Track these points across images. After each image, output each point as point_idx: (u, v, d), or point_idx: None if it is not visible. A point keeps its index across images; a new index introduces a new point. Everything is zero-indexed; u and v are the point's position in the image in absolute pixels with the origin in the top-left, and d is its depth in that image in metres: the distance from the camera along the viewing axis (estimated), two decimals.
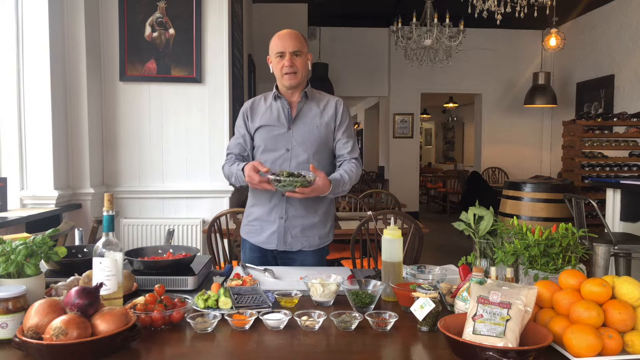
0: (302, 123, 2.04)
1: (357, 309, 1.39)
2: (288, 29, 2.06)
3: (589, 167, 5.42)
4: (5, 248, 1.29)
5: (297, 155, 2.01)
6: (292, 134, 2.02)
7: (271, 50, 2.02)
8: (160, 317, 1.24)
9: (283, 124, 2.03)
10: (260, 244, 2.10)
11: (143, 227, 3.66)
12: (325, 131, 2.05)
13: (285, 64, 1.97)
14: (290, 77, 1.99)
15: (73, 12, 3.31)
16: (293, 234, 2.05)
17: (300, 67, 1.99)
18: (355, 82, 8.66)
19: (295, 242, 2.06)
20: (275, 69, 2.02)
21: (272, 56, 2.02)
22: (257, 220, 2.10)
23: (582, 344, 1.05)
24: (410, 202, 8.55)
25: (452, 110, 13.53)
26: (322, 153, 2.06)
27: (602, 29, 7.17)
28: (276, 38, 2.01)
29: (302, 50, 1.99)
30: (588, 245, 3.45)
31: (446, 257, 5.48)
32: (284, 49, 1.97)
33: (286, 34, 2.00)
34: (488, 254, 1.52)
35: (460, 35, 5.98)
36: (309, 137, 2.02)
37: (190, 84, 3.65)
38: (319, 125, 2.04)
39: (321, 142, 2.05)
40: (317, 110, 2.06)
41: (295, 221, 2.04)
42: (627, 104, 6.47)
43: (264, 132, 2.05)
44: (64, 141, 3.32)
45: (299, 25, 6.69)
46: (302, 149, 2.02)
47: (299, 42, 1.98)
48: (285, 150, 2.02)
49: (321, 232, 2.10)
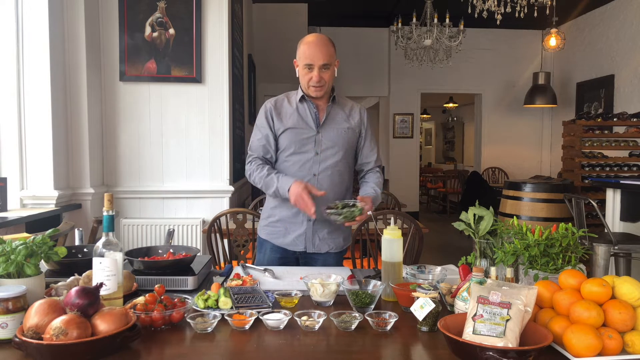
0: (331, 126, 2.03)
1: (357, 309, 1.39)
2: (316, 34, 2.01)
3: (589, 167, 5.41)
4: (5, 248, 1.29)
5: (326, 159, 2.01)
6: (321, 137, 2.01)
7: (299, 57, 1.97)
8: (160, 317, 1.24)
9: (311, 127, 2.01)
10: (285, 246, 2.09)
11: (143, 227, 3.66)
12: (352, 135, 2.06)
13: (313, 78, 1.93)
14: (317, 89, 1.97)
15: (73, 12, 3.31)
16: (320, 236, 2.06)
17: (328, 80, 1.97)
18: (355, 82, 8.66)
19: (322, 244, 2.06)
20: (302, 78, 1.98)
21: (299, 63, 1.98)
22: (281, 221, 2.08)
23: (582, 344, 1.05)
24: (410, 202, 8.55)
25: (452, 110, 13.52)
26: (348, 157, 2.08)
27: (602, 29, 7.17)
28: (305, 46, 1.95)
29: (331, 62, 1.95)
30: (588, 245, 3.45)
31: (446, 257, 5.48)
32: (312, 62, 1.92)
33: (316, 44, 1.93)
34: (488, 254, 1.52)
35: (460, 35, 5.98)
36: (337, 141, 2.02)
37: (190, 84, 3.65)
38: (346, 129, 2.04)
39: (349, 146, 2.06)
40: (344, 115, 2.07)
41: (323, 223, 2.04)
42: (627, 104, 6.47)
43: (291, 134, 2.01)
44: (64, 141, 3.32)
45: (299, 25, 6.69)
46: (331, 152, 2.01)
47: (328, 54, 1.93)
48: (315, 153, 2.01)
49: (345, 234, 2.14)
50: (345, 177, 2.09)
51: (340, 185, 2.06)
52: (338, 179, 2.04)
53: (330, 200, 1.95)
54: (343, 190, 2.08)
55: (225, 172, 3.73)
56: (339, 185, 2.05)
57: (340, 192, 2.07)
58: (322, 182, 2.01)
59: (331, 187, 2.02)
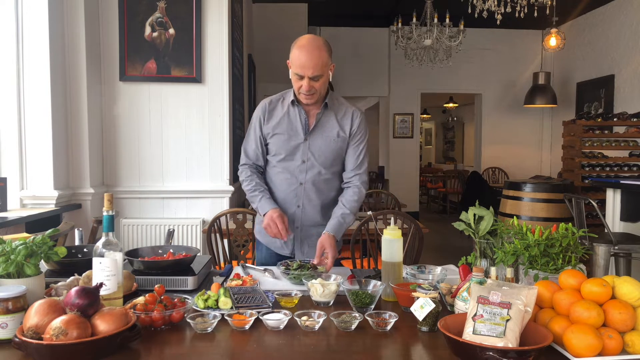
0: (319, 135, 1.97)
1: (357, 309, 1.39)
2: (310, 35, 1.89)
3: (589, 167, 5.41)
4: (5, 248, 1.29)
5: (313, 167, 1.98)
6: (308, 146, 1.97)
7: (291, 60, 1.87)
8: (160, 317, 1.24)
9: (299, 135, 1.96)
10: (275, 249, 2.10)
11: (143, 227, 3.66)
12: (341, 144, 2.00)
13: (303, 87, 1.85)
14: (307, 97, 1.89)
15: (73, 12, 3.31)
16: (309, 244, 2.04)
17: (319, 88, 1.88)
18: (355, 82, 8.66)
19: (312, 251, 2.04)
20: (294, 83, 1.90)
21: (291, 66, 1.88)
22: None
23: (582, 344, 1.05)
24: (410, 202, 8.55)
25: (452, 110, 13.52)
26: (337, 165, 2.04)
27: (602, 29, 7.17)
28: (297, 51, 1.83)
29: (324, 71, 1.85)
30: (588, 245, 3.45)
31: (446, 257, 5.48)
32: (302, 73, 1.83)
33: (307, 52, 1.81)
34: (488, 254, 1.52)
35: (460, 35, 5.98)
36: (325, 150, 1.98)
37: (190, 84, 3.65)
38: (335, 138, 1.98)
39: (337, 155, 2.01)
40: (335, 121, 1.99)
41: (310, 230, 2.04)
42: (627, 104, 6.47)
43: (279, 140, 1.97)
44: (64, 141, 3.32)
45: (299, 25, 6.69)
46: (319, 161, 1.98)
47: (320, 64, 1.81)
48: (302, 161, 1.98)
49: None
50: (333, 185, 2.05)
51: (328, 193, 2.04)
52: (325, 187, 2.02)
53: (314, 213, 2.00)
54: (330, 199, 2.05)
55: (225, 172, 3.73)
56: (325, 194, 2.03)
57: (327, 201, 2.04)
58: (309, 191, 2.00)
59: (317, 196, 2.01)
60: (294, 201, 2.01)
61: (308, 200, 2.01)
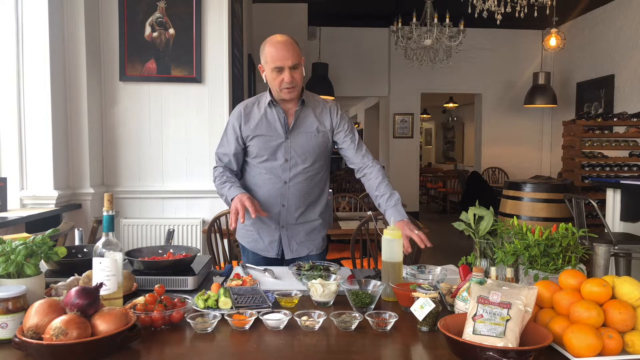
0: (300, 132, 1.98)
1: (357, 309, 1.39)
2: (280, 34, 1.94)
3: (589, 167, 5.41)
4: (5, 248, 1.28)
5: (296, 165, 1.98)
6: (290, 144, 1.97)
7: (265, 60, 1.90)
8: (160, 317, 1.24)
9: (280, 134, 1.96)
10: (258, 252, 2.07)
11: (143, 227, 3.66)
12: (322, 139, 2.00)
13: (285, 80, 1.87)
14: (290, 91, 1.90)
15: (73, 12, 3.31)
16: (298, 241, 2.04)
17: (299, 80, 1.91)
18: (355, 82, 8.66)
19: (301, 247, 2.04)
20: (272, 82, 1.91)
21: (266, 67, 1.91)
22: (254, 225, 2.06)
23: (582, 344, 1.05)
24: (410, 202, 8.55)
25: (452, 110, 13.52)
26: (320, 160, 2.03)
27: (602, 29, 7.17)
28: (272, 48, 1.88)
29: (300, 61, 1.90)
30: (588, 245, 3.45)
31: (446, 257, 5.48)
32: (282, 64, 1.85)
33: (282, 45, 1.87)
34: (488, 254, 1.52)
35: (460, 35, 5.98)
36: (307, 146, 1.98)
37: (190, 84, 3.65)
38: (316, 133, 1.99)
39: (320, 150, 2.01)
40: (314, 117, 2.00)
41: (297, 227, 2.03)
42: (627, 104, 6.47)
43: (260, 141, 1.97)
44: (64, 141, 3.32)
45: (299, 25, 6.69)
46: (301, 159, 1.98)
47: (296, 54, 1.87)
48: (285, 160, 1.98)
49: (323, 234, 2.11)
50: (319, 182, 2.05)
51: (313, 190, 2.03)
52: (309, 184, 2.01)
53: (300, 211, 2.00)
54: (316, 196, 2.05)
55: None
56: (310, 192, 2.03)
57: (313, 198, 2.04)
58: (294, 189, 1.99)
59: (302, 194, 2.00)
60: (279, 200, 2.00)
61: (293, 198, 2.00)
